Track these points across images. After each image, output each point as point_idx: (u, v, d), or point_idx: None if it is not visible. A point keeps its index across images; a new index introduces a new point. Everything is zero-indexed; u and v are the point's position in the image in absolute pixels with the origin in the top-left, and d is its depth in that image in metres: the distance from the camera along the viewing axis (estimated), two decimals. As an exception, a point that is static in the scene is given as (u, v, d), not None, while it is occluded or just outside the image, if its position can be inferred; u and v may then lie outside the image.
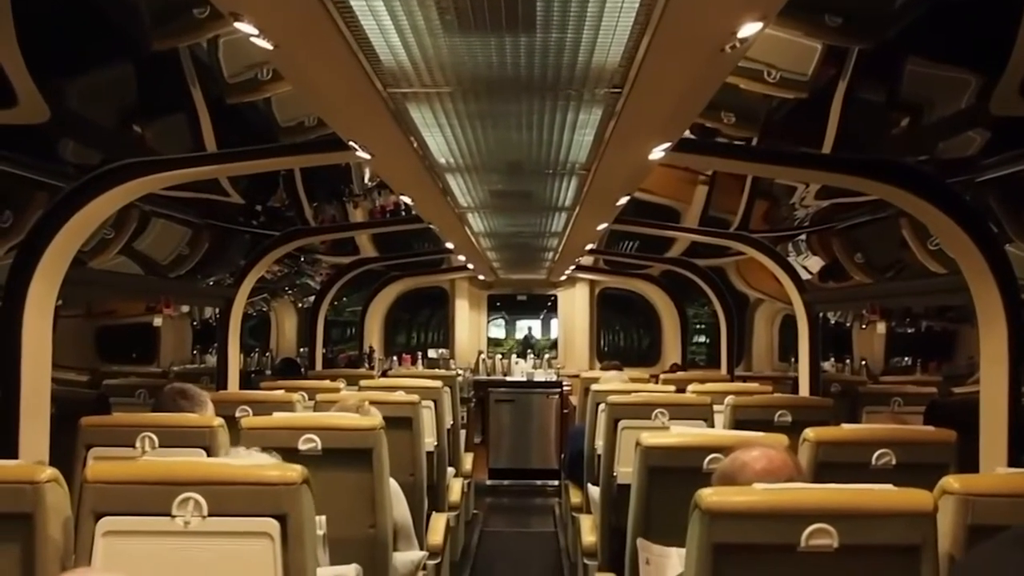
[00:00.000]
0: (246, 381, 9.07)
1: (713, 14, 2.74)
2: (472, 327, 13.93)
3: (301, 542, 2.83)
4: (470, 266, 12.00)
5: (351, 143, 4.57)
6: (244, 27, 2.86)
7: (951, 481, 2.95)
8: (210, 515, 2.78)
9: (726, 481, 2.92)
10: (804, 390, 7.85)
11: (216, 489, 2.80)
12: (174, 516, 2.77)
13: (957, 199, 4.79)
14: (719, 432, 4.69)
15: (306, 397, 5.88)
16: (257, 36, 2.94)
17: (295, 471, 2.88)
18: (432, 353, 13.92)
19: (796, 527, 2.62)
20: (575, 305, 13.83)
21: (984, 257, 4.72)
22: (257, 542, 2.80)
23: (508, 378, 13.49)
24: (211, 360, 8.87)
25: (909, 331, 8.40)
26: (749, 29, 2.81)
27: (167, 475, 2.85)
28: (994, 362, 4.69)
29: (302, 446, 4.20)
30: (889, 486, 2.75)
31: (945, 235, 4.93)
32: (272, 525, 2.80)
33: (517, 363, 13.65)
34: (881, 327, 8.47)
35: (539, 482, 12.48)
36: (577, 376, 11.46)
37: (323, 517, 3.48)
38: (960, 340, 7.19)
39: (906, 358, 8.37)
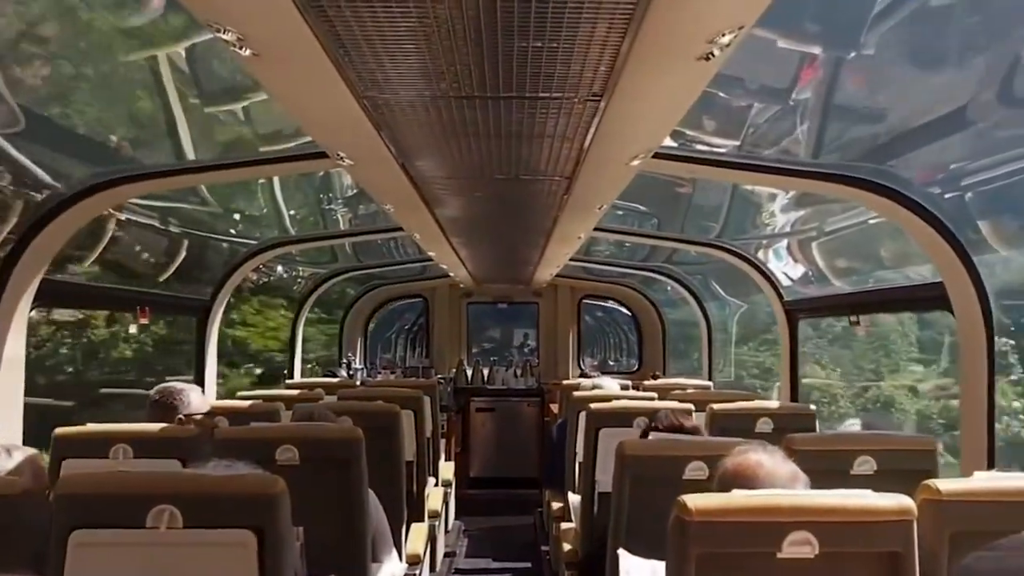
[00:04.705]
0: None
1: (692, 23, 2.74)
2: (453, 335, 13.89)
3: (278, 553, 2.81)
4: (451, 274, 11.97)
5: (331, 153, 4.55)
6: (224, 36, 2.85)
7: (931, 486, 2.95)
8: (186, 527, 2.75)
9: (738, 481, 2.91)
10: (785, 397, 7.85)
11: (191, 500, 2.77)
12: (149, 528, 2.74)
13: (935, 206, 4.82)
14: (700, 439, 4.67)
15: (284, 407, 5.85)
16: (237, 46, 2.92)
17: (272, 482, 2.85)
18: (412, 361, 13.89)
19: (776, 534, 2.62)
20: (556, 313, 13.81)
21: (963, 264, 4.75)
22: (234, 554, 2.77)
23: (489, 386, 13.45)
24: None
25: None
26: (728, 38, 2.81)
27: (141, 486, 2.82)
28: (974, 368, 4.72)
29: (279, 456, 4.18)
30: (869, 492, 2.74)
31: (924, 242, 4.96)
32: (249, 537, 2.77)
33: (498, 371, 13.61)
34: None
35: (520, 490, 12.44)
36: (558, 383, 11.45)
37: (300, 528, 3.46)
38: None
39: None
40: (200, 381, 7.85)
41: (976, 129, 4.36)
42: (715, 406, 5.79)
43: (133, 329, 8.20)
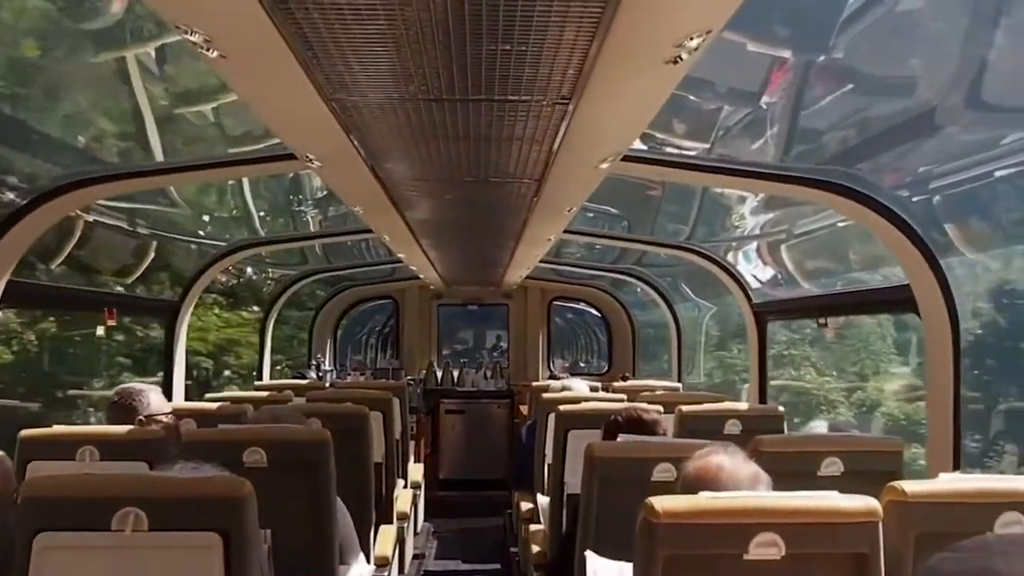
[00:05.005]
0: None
1: (660, 27, 2.75)
2: (423, 337, 13.87)
3: (245, 556, 2.80)
4: (421, 276, 11.96)
5: (300, 154, 4.54)
6: (191, 38, 2.83)
7: (896, 488, 2.97)
8: (151, 530, 2.74)
9: (700, 485, 2.92)
10: (753, 399, 7.88)
11: (157, 503, 2.76)
12: (114, 531, 2.73)
13: (903, 209, 4.86)
14: (669, 441, 4.69)
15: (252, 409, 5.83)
16: (204, 47, 2.91)
17: (238, 484, 2.85)
18: (383, 363, 13.88)
19: (743, 536, 2.63)
20: (526, 314, 13.82)
21: (930, 267, 4.78)
22: (200, 557, 2.76)
23: (459, 388, 13.44)
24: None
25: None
26: (696, 41, 2.82)
27: (107, 489, 2.81)
28: (940, 369, 4.75)
29: (247, 459, 4.16)
30: (835, 493, 2.76)
31: (892, 245, 4.99)
32: (215, 539, 2.76)
33: (468, 372, 13.60)
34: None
35: (489, 492, 12.44)
36: (528, 385, 11.46)
37: (268, 531, 3.44)
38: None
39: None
40: (168, 383, 7.81)
41: (943, 133, 4.40)
42: (684, 408, 5.80)
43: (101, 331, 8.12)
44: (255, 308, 13.08)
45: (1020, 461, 7.91)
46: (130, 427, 4.54)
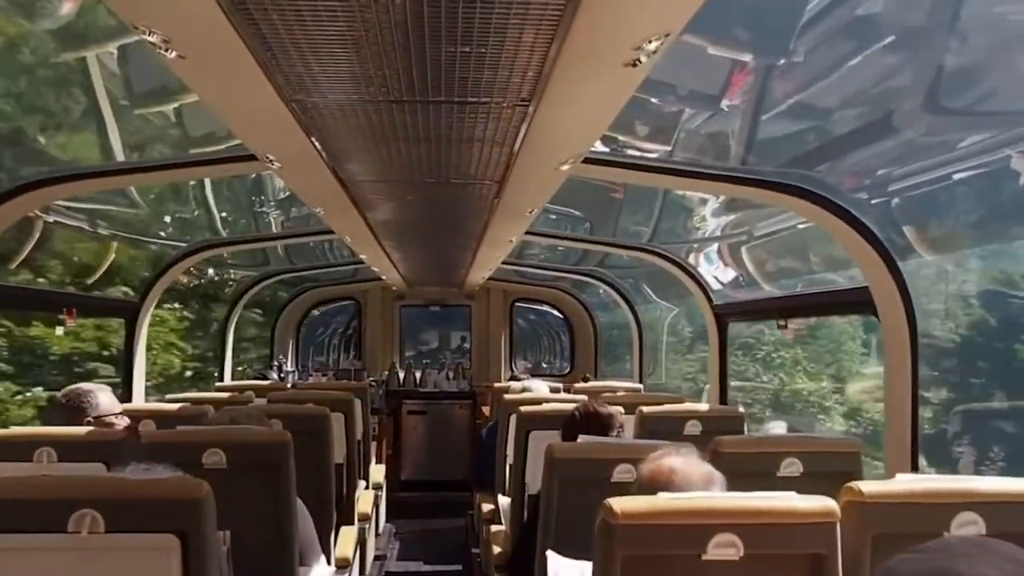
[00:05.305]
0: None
1: (619, 30, 2.76)
2: (386, 338, 13.84)
3: (203, 558, 2.79)
4: (384, 277, 11.94)
5: (260, 155, 4.53)
6: (150, 38, 2.82)
7: (854, 488, 2.98)
8: (108, 531, 2.73)
9: (655, 487, 2.93)
10: (714, 400, 7.92)
11: (114, 504, 2.75)
12: (71, 533, 2.71)
13: (862, 211, 4.90)
14: (628, 442, 4.71)
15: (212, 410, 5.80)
16: (163, 47, 2.90)
17: (196, 486, 2.84)
18: (346, 364, 13.85)
19: (701, 536, 2.65)
20: (489, 315, 13.82)
21: (888, 269, 4.82)
22: (157, 559, 2.75)
23: (421, 389, 13.43)
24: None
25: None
26: (654, 44, 2.84)
27: (63, 490, 2.79)
28: (898, 371, 4.79)
29: (206, 460, 4.15)
30: (793, 494, 2.78)
31: (851, 247, 5.03)
32: (172, 541, 2.76)
33: (430, 373, 13.59)
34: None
35: (451, 493, 12.43)
36: (490, 386, 11.47)
37: (227, 532, 3.43)
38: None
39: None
40: (128, 384, 7.76)
41: (902, 136, 4.44)
42: (644, 409, 5.82)
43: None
44: (177, 304, 12.83)
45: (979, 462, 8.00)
46: (89, 428, 4.52)
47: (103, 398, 4.97)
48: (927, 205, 5.01)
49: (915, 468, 4.70)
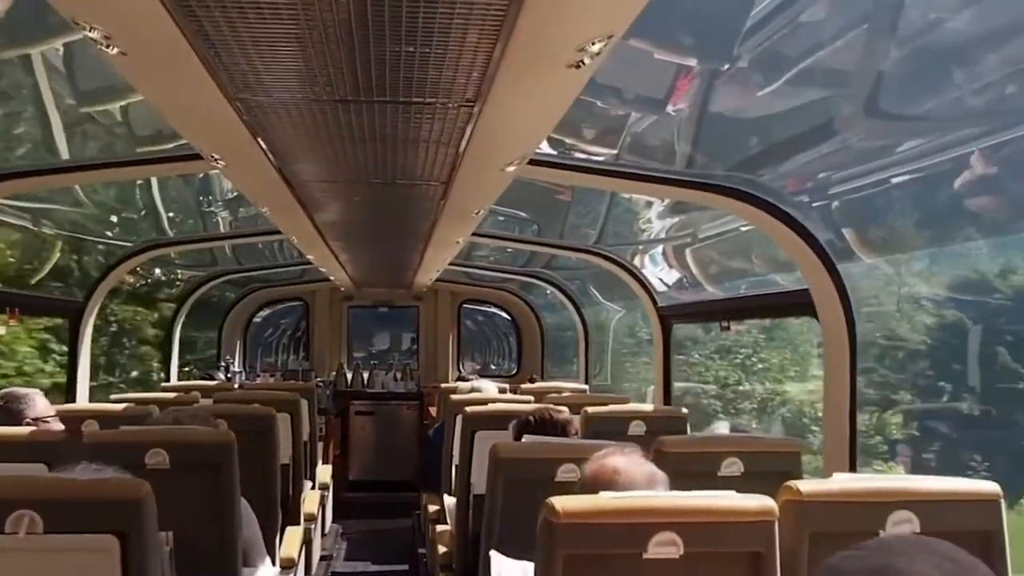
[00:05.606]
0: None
1: (562, 32, 2.77)
2: (334, 338, 13.80)
3: (143, 559, 2.78)
4: (332, 278, 11.90)
5: (205, 154, 4.50)
6: (91, 35, 2.80)
7: (792, 487, 3.00)
8: (47, 532, 2.70)
9: (598, 487, 2.95)
10: (658, 400, 7.97)
11: (53, 505, 2.72)
12: (8, 534, 2.68)
13: (804, 215, 4.94)
14: (573, 442, 4.73)
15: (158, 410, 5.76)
16: (104, 44, 2.87)
17: (136, 486, 2.82)
18: (293, 364, 13.79)
19: (642, 535, 2.66)
20: (436, 316, 13.81)
21: (827, 272, 4.88)
22: (96, 560, 2.73)
23: (368, 389, 13.39)
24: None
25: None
26: (597, 46, 2.85)
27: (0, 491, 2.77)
28: (837, 371, 4.84)
29: (149, 460, 4.12)
30: (733, 493, 2.81)
31: (792, 251, 5.07)
32: (112, 542, 2.73)
33: (378, 374, 13.56)
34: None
35: (398, 493, 12.40)
36: (437, 386, 11.48)
37: (170, 533, 3.41)
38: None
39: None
40: (72, 386, 7.69)
41: (842, 140, 4.49)
42: (589, 409, 5.85)
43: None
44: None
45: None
46: (30, 428, 4.47)
47: (39, 400, 4.96)
48: (867, 208, 5.07)
49: (853, 468, 4.75)
